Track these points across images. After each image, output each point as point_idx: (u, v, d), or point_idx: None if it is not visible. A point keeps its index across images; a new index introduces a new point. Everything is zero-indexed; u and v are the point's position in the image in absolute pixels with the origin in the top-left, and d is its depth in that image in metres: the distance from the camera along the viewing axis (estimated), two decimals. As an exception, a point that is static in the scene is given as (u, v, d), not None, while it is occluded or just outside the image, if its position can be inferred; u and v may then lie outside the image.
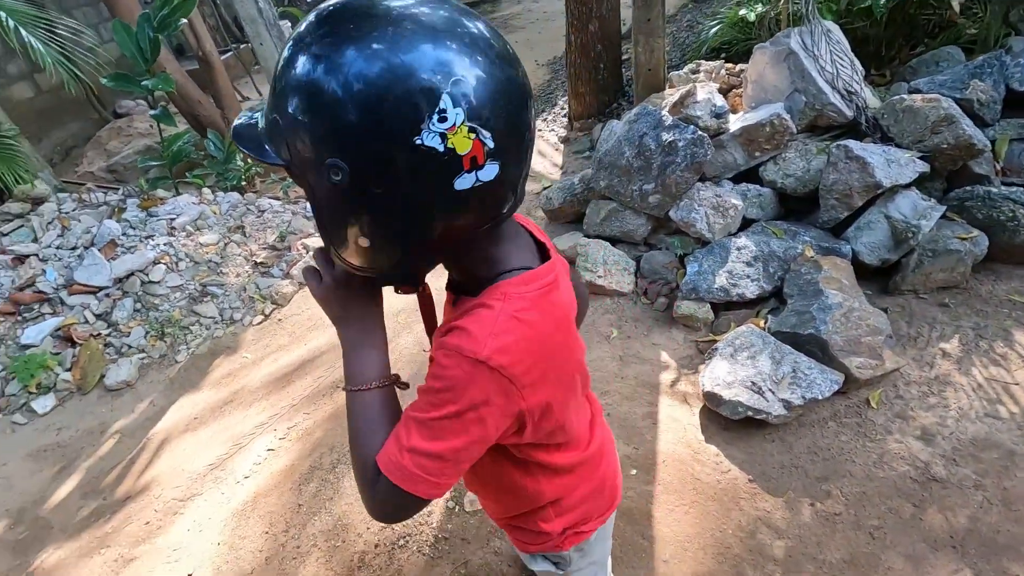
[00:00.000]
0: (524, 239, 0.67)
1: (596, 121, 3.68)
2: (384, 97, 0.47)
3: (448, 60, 0.48)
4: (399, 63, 0.47)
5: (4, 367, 2.56)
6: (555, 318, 0.64)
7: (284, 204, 3.51)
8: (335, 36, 0.49)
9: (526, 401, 0.60)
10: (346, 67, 0.47)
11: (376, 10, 0.50)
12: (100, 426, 2.34)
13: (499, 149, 0.51)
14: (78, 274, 2.75)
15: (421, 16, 0.49)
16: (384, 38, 0.47)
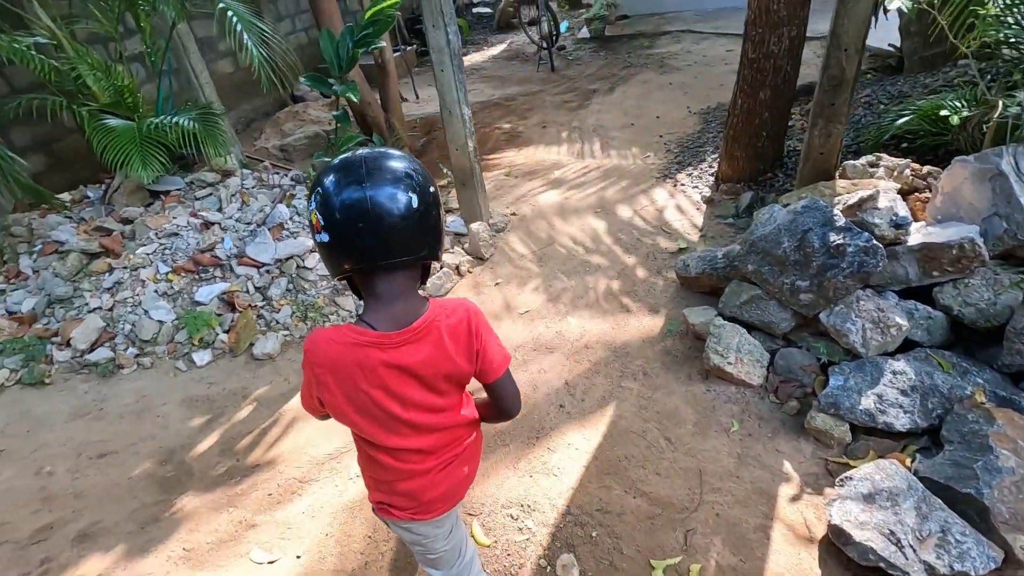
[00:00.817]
0: (392, 309, 1.01)
1: (746, 188, 3.55)
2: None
3: (324, 184, 0.96)
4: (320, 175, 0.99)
5: (178, 317, 2.96)
6: (355, 359, 1.00)
7: (426, 214, 3.73)
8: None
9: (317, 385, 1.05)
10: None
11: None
12: (242, 390, 2.63)
13: (328, 227, 0.94)
14: (249, 249, 3.11)
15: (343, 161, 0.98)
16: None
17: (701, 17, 8.62)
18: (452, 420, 1.14)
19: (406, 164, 0.98)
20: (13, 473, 2.32)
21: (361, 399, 1.03)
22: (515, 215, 3.85)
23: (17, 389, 2.77)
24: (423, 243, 1.00)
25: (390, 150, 1.02)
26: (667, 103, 5.56)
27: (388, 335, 0.99)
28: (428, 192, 0.99)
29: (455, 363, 1.06)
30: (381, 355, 1.00)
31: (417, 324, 1.01)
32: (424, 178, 0.99)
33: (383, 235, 0.94)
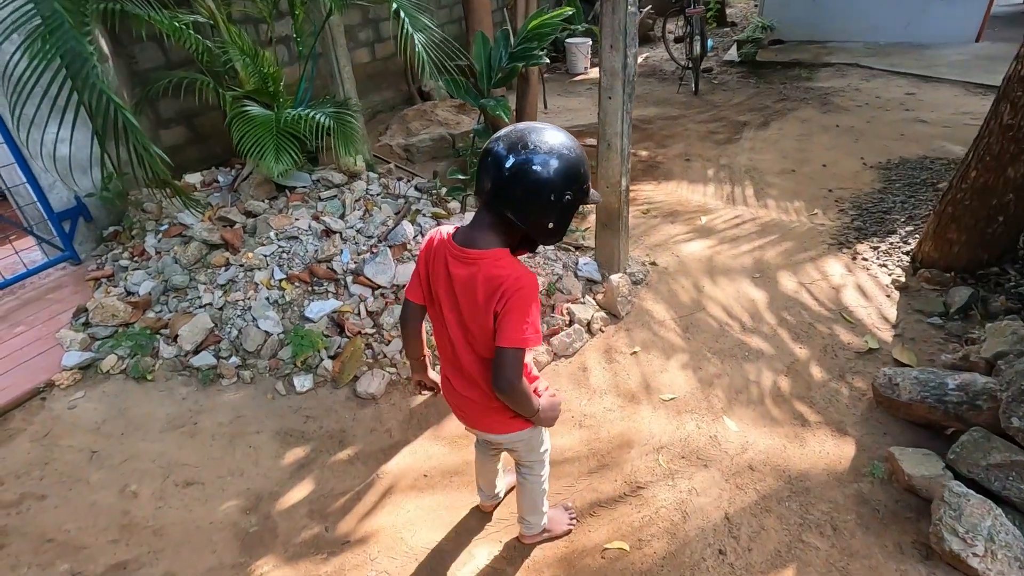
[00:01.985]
0: (471, 232, 1.27)
1: (958, 280, 2.84)
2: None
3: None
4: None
5: (285, 331, 2.74)
6: (438, 245, 1.33)
7: (556, 249, 3.33)
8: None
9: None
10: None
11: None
12: (340, 434, 2.35)
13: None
14: (368, 267, 2.85)
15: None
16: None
17: (872, 51, 7.62)
18: (475, 354, 1.34)
19: (549, 141, 1.15)
20: (100, 484, 2.17)
21: (430, 273, 1.33)
22: (654, 265, 3.35)
23: (121, 380, 2.67)
24: (511, 203, 1.16)
25: (556, 129, 1.19)
26: (834, 150, 4.81)
27: (453, 243, 1.26)
28: (543, 172, 1.14)
29: (478, 305, 1.23)
30: (446, 254, 1.26)
31: (471, 251, 1.23)
32: (554, 160, 1.14)
33: (487, 177, 1.16)
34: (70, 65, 2.34)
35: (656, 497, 1.97)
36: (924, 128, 5.02)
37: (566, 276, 3.05)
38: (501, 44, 3.31)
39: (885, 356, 2.53)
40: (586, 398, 2.44)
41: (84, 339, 2.82)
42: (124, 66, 4.20)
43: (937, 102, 5.60)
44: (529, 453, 1.62)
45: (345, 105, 3.72)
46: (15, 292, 3.21)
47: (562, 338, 2.66)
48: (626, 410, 2.36)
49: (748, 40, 7.68)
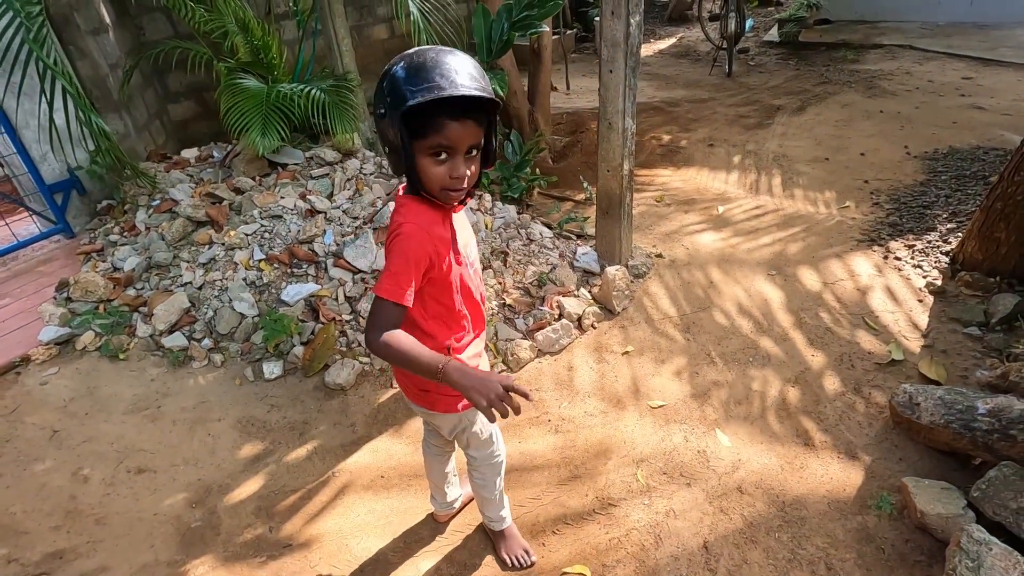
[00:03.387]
0: None
1: (1005, 286, 2.51)
2: None
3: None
4: None
5: (260, 314, 2.62)
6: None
7: (556, 238, 3.11)
8: None
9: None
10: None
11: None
12: (303, 425, 2.22)
13: None
14: (347, 251, 2.70)
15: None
16: None
17: (928, 31, 7.01)
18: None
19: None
20: (55, 466, 2.10)
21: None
22: (661, 257, 3.09)
23: (95, 357, 2.61)
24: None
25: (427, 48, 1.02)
26: (876, 137, 4.40)
27: None
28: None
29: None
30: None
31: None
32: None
33: None
34: (24, 30, 2.22)
35: (628, 517, 1.77)
36: (980, 115, 4.54)
37: (561, 267, 2.84)
38: (504, 16, 3.09)
39: (910, 369, 2.24)
40: (567, 400, 2.24)
41: (64, 314, 2.77)
42: (130, 37, 4.13)
43: (998, 87, 5.08)
44: (474, 448, 1.46)
45: (344, 79, 3.56)
46: (6, 264, 3.20)
47: (547, 333, 2.46)
48: (609, 416, 2.15)
49: (790, 19, 7.17)
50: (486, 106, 1.01)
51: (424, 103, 0.93)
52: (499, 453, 1.52)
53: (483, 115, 1.03)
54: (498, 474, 1.54)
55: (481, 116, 1.02)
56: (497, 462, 1.52)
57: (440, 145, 1.00)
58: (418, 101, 0.93)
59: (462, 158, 1.03)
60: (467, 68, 0.98)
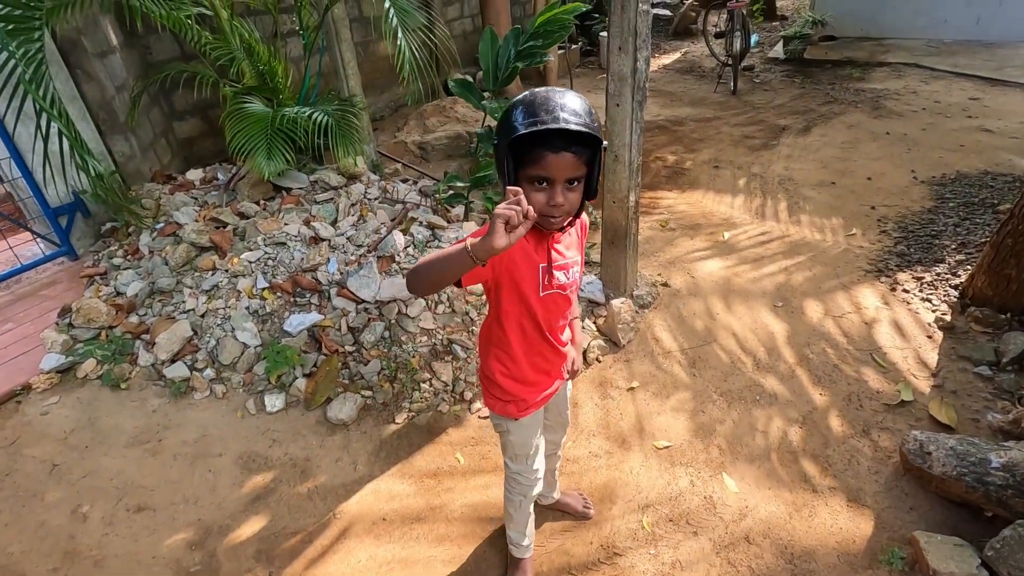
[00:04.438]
0: None
1: (1016, 326, 2.47)
2: None
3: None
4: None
5: (263, 344, 2.61)
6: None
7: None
8: None
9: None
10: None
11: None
12: (304, 462, 2.20)
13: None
14: (351, 281, 2.68)
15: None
16: None
17: (934, 49, 7.01)
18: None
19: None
20: (54, 502, 2.08)
21: None
22: (667, 286, 3.07)
23: (96, 386, 2.59)
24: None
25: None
26: (882, 160, 4.38)
27: None
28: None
29: None
30: None
31: None
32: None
33: None
34: (23, 66, 2.21)
35: (634, 568, 1.74)
36: (988, 138, 4.52)
37: (565, 297, 2.81)
38: (511, 42, 3.07)
39: (920, 410, 2.21)
40: (571, 439, 2.21)
41: (67, 341, 2.75)
42: (137, 57, 4.15)
43: (1005, 109, 5.06)
44: (507, 455, 1.54)
45: (349, 102, 3.56)
46: (10, 287, 3.19)
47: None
48: (614, 456, 2.13)
49: (796, 36, 7.17)
50: (588, 141, 1.08)
51: (527, 135, 1.05)
52: (522, 477, 1.53)
53: (585, 149, 1.09)
54: (518, 493, 1.57)
55: (582, 150, 1.09)
56: (518, 481, 1.55)
57: (539, 175, 1.10)
58: (521, 133, 1.05)
59: (560, 187, 1.11)
60: (573, 105, 1.07)
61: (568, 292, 1.32)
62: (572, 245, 1.31)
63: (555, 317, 1.34)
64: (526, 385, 1.39)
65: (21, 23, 2.22)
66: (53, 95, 2.32)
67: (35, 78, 2.21)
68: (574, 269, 1.31)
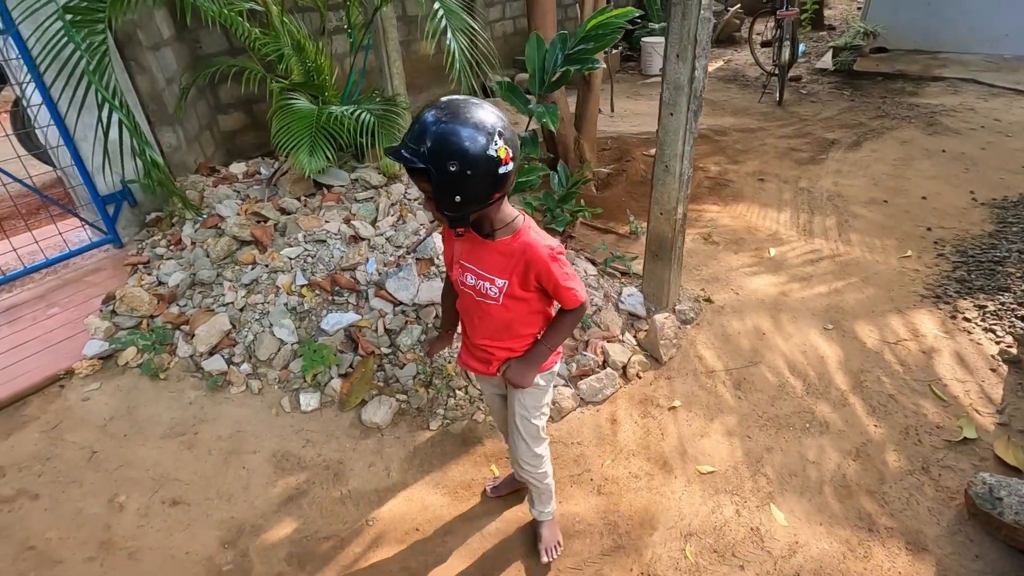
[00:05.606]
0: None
1: (1091, 362, 2.32)
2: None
3: (497, 122, 1.15)
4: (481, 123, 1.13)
5: (299, 341, 2.60)
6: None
7: (600, 275, 3.02)
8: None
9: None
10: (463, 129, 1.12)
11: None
12: (337, 465, 2.17)
13: (514, 157, 1.18)
14: (389, 282, 2.66)
15: (475, 104, 1.16)
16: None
17: (993, 64, 6.72)
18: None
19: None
20: (92, 490, 2.10)
21: None
22: (710, 302, 2.98)
23: (136, 374, 2.62)
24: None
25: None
26: (938, 179, 4.20)
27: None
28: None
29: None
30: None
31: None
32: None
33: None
34: (87, 56, 2.25)
35: (676, 600, 1.66)
36: (1054, 161, 4.29)
37: (606, 309, 2.74)
38: (557, 46, 3.01)
39: (984, 449, 2.08)
40: (610, 458, 2.14)
41: (109, 328, 2.79)
42: (187, 51, 4.22)
43: (1073, 130, 4.80)
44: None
45: (392, 102, 3.54)
46: (57, 272, 3.26)
47: (591, 383, 2.37)
48: (655, 479, 2.05)
49: (846, 47, 6.95)
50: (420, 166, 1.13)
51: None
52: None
53: (422, 171, 1.14)
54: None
55: (419, 172, 1.14)
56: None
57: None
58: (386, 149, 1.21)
59: (427, 200, 1.23)
60: (418, 127, 1.13)
61: (485, 302, 1.38)
62: (503, 267, 1.34)
63: (473, 315, 1.45)
64: (464, 349, 1.59)
65: (87, 15, 2.25)
66: (115, 86, 2.35)
67: (99, 69, 2.24)
68: (488, 285, 1.36)
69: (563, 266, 1.33)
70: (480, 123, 1.11)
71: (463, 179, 1.13)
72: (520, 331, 1.45)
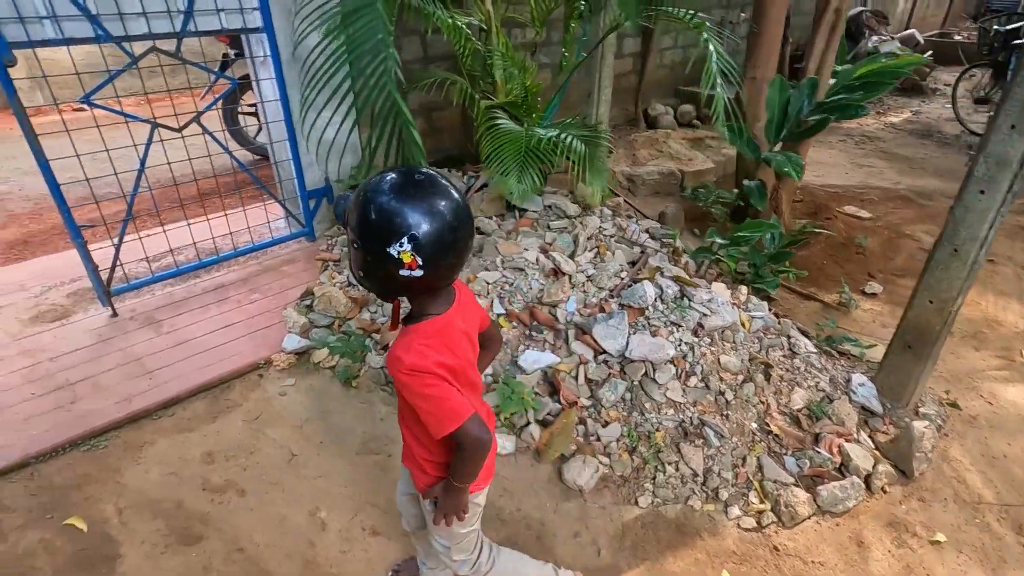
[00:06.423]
0: (447, 295, 1.15)
1: None
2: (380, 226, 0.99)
3: (417, 218, 0.97)
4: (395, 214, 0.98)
5: (494, 374, 2.47)
6: (446, 336, 1.13)
7: (821, 353, 2.65)
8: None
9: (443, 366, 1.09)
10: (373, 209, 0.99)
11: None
12: (540, 525, 1.99)
13: (426, 265, 1.00)
14: (597, 328, 2.46)
15: (414, 190, 0.99)
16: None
17: None
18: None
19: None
20: (293, 496, 2.07)
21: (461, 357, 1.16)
22: (956, 407, 2.51)
23: (328, 377, 2.62)
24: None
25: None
26: None
27: (449, 313, 1.15)
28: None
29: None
30: (455, 324, 1.15)
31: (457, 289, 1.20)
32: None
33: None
34: (366, 55, 2.27)
35: None
36: None
37: (837, 398, 2.38)
38: (805, 91, 2.71)
39: None
40: (863, 594, 1.79)
41: (305, 324, 2.83)
42: (389, 56, 4.35)
43: None
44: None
45: (595, 130, 3.39)
46: (258, 257, 3.40)
47: (833, 490, 2.02)
48: (927, 635, 1.67)
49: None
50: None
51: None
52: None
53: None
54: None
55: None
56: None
57: None
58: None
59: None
60: (365, 181, 1.05)
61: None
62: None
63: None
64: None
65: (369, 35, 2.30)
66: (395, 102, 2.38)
67: (380, 83, 2.27)
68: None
69: (424, 388, 1.06)
70: (394, 215, 0.97)
71: (362, 259, 1.04)
72: (417, 453, 1.26)
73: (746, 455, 2.18)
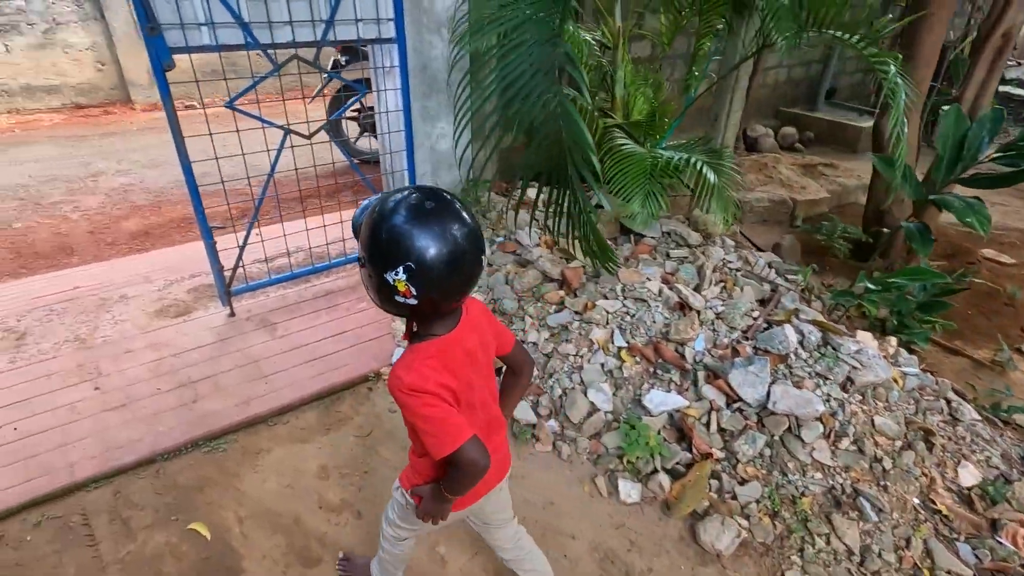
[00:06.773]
0: (453, 314, 1.13)
1: None
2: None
3: (415, 249, 0.95)
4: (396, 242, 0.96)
5: (614, 412, 2.32)
6: (447, 356, 1.11)
7: (985, 423, 2.34)
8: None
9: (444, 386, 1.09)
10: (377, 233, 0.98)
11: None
12: (674, 590, 1.82)
13: (420, 295, 0.98)
14: (734, 374, 2.26)
15: (421, 218, 0.96)
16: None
17: None
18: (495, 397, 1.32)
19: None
20: (411, 526, 1.98)
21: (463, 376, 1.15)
22: None
23: (437, 397, 2.53)
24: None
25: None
26: None
27: (454, 334, 1.13)
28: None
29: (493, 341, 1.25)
30: (459, 343, 1.13)
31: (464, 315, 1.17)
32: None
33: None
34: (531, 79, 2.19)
35: None
36: None
37: (1016, 480, 2.07)
38: (987, 124, 2.42)
39: None
40: None
41: (413, 338, 2.78)
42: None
43: None
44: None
45: (719, 154, 3.20)
46: (363, 265, 3.39)
47: None
48: None
49: None
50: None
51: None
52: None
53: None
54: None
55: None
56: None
57: None
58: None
59: None
60: (379, 200, 1.03)
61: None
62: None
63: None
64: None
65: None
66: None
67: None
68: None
69: (423, 408, 1.07)
70: (394, 243, 0.96)
71: (366, 277, 1.04)
72: (414, 464, 1.30)
73: (911, 536, 1.92)
